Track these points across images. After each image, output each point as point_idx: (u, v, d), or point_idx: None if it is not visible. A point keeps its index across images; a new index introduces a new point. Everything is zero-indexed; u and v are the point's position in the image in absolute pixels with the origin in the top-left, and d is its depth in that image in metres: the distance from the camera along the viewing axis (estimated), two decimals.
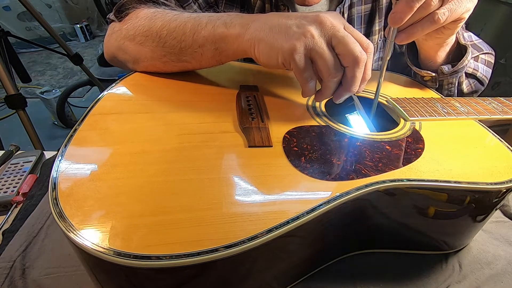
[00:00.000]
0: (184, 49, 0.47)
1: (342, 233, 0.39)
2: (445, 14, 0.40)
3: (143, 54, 0.50)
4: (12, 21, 2.85)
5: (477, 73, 0.62)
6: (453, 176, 0.37)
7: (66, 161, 0.34)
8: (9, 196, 0.51)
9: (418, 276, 0.42)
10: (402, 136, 0.43)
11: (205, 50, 0.46)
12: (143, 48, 0.49)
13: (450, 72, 0.54)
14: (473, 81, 0.63)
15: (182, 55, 0.48)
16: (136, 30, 0.50)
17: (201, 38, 0.45)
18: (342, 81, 0.41)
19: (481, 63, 0.63)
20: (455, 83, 0.57)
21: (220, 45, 0.45)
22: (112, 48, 0.54)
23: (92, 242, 0.27)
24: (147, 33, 0.48)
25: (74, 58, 1.74)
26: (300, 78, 0.41)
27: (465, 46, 0.53)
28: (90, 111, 0.41)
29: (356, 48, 0.38)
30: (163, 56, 0.49)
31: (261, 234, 0.28)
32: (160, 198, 0.31)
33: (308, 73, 0.40)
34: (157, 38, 0.47)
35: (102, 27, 3.30)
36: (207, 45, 0.45)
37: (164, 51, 0.48)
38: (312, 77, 0.41)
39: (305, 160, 0.37)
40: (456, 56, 0.55)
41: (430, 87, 0.58)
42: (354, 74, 0.39)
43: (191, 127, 0.41)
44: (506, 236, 0.46)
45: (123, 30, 0.52)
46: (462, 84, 0.60)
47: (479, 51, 0.62)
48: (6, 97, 1.20)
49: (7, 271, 0.40)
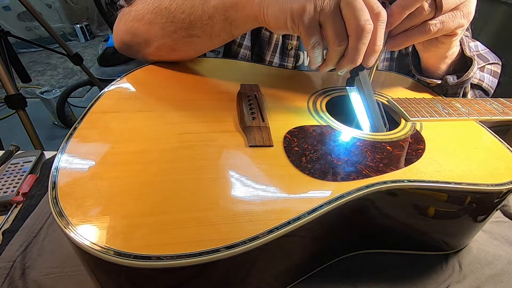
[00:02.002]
0: (194, 22, 0.46)
1: (342, 233, 0.39)
2: (437, 26, 0.41)
3: (153, 33, 0.49)
4: (12, 21, 2.85)
5: (483, 83, 0.61)
6: (454, 177, 0.37)
7: (66, 160, 0.34)
8: (9, 196, 0.51)
9: (418, 276, 0.42)
10: (403, 136, 0.43)
11: (215, 21, 0.45)
12: (152, 27, 0.48)
13: (454, 83, 0.54)
14: (478, 91, 0.62)
15: (192, 29, 0.46)
16: (145, 9, 0.49)
17: (210, 9, 0.44)
18: (345, 50, 0.39)
19: (487, 73, 0.62)
20: (460, 93, 0.56)
21: (231, 14, 0.43)
22: (121, 33, 0.54)
23: (92, 241, 0.26)
24: (156, 9, 0.47)
25: (74, 58, 1.74)
26: (307, 43, 0.38)
27: (471, 58, 0.53)
28: (90, 109, 0.41)
29: (361, 16, 0.35)
30: (173, 32, 0.47)
31: (262, 234, 0.28)
32: (161, 198, 0.31)
33: (316, 38, 0.38)
34: (166, 13, 0.47)
35: (102, 27, 3.30)
36: (217, 15, 0.44)
37: (173, 26, 0.47)
38: (319, 43, 0.38)
39: (306, 160, 0.37)
40: (460, 67, 0.54)
41: (438, 93, 0.57)
42: (355, 46, 0.37)
43: (191, 126, 0.41)
44: (506, 236, 0.46)
45: (132, 12, 0.51)
46: (467, 95, 0.59)
47: (485, 61, 0.62)
48: (6, 97, 1.20)
49: (7, 271, 0.40)
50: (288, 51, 0.62)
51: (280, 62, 0.63)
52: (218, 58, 0.63)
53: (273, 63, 0.62)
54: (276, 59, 0.62)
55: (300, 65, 0.64)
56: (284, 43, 0.61)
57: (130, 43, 0.53)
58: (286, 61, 0.62)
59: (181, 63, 0.54)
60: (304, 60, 0.64)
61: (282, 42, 0.61)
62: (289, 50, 0.61)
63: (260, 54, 0.62)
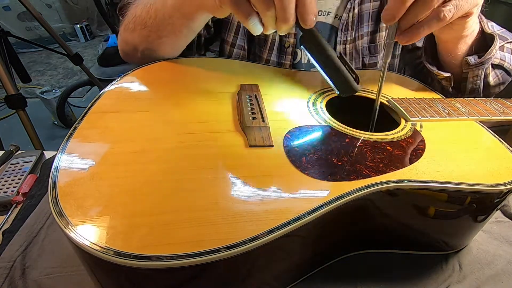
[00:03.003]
0: (160, 24, 0.50)
1: (342, 233, 0.39)
2: (451, 11, 0.38)
3: (136, 39, 0.54)
4: (12, 21, 2.85)
5: (504, 63, 0.58)
6: (454, 177, 0.37)
7: (66, 160, 0.34)
8: (9, 196, 0.50)
9: (418, 276, 0.42)
10: (403, 136, 0.43)
11: (175, 19, 0.49)
12: (134, 34, 0.54)
13: (476, 63, 0.51)
14: (500, 72, 0.59)
15: (160, 31, 0.51)
16: (128, 19, 0.55)
17: (169, 8, 0.48)
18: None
19: (507, 53, 0.60)
20: (481, 75, 0.54)
21: (185, 9, 0.47)
22: (119, 43, 0.59)
23: (92, 241, 0.26)
24: (134, 18, 0.53)
25: (74, 58, 1.74)
26: (238, 16, 0.39)
27: (492, 35, 0.51)
28: (90, 109, 0.41)
29: None
30: (148, 36, 0.52)
31: (262, 234, 0.28)
32: (161, 198, 0.31)
33: (244, 8, 0.38)
34: (140, 20, 0.52)
35: (102, 27, 3.30)
36: (175, 13, 0.48)
37: (146, 30, 0.52)
38: (250, 14, 0.39)
39: (306, 160, 0.37)
40: (479, 47, 0.52)
41: (445, 86, 0.55)
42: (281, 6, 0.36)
43: (191, 126, 0.41)
44: (506, 236, 0.46)
45: (122, 24, 0.57)
46: (489, 76, 0.57)
47: (504, 41, 0.59)
48: (6, 97, 1.20)
49: (7, 271, 0.40)
50: (286, 48, 0.62)
51: (278, 60, 0.63)
52: (218, 58, 0.63)
53: (270, 61, 0.63)
54: (273, 57, 0.62)
55: (297, 62, 0.64)
56: (282, 41, 0.61)
57: (126, 51, 0.59)
58: (283, 59, 0.62)
59: (181, 63, 0.54)
60: (302, 57, 0.64)
61: (279, 40, 0.61)
62: (286, 47, 0.62)
63: (257, 52, 0.63)
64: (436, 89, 0.57)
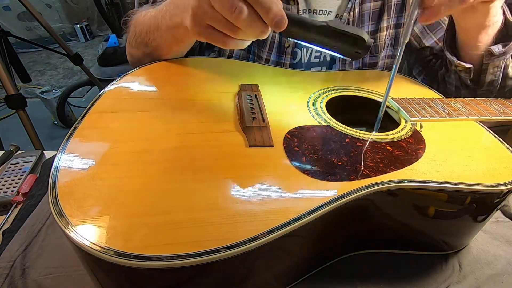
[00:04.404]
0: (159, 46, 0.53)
1: (342, 233, 0.39)
2: None
3: (140, 55, 0.57)
4: (12, 21, 2.85)
5: None
6: (454, 178, 0.37)
7: (66, 160, 0.34)
8: (9, 196, 0.51)
9: (418, 276, 0.42)
10: (403, 136, 0.43)
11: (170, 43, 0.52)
12: (138, 51, 0.57)
13: (500, 52, 0.51)
14: None
15: (160, 51, 0.54)
16: (130, 37, 0.59)
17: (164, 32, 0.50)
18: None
19: None
20: (501, 66, 0.54)
21: (176, 36, 0.49)
22: (127, 56, 0.64)
23: (92, 241, 0.26)
24: (135, 37, 0.56)
25: (74, 58, 1.74)
26: (213, 43, 0.40)
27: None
28: (90, 109, 0.41)
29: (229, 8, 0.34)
30: (150, 53, 0.55)
31: (262, 235, 0.28)
32: (161, 198, 0.31)
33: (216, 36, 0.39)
34: (141, 40, 0.55)
35: (102, 27, 3.30)
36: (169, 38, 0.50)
37: (148, 50, 0.55)
38: (224, 38, 0.39)
39: (306, 160, 0.37)
40: (499, 38, 0.52)
41: (464, 79, 0.54)
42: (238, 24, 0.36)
43: (191, 126, 0.41)
44: (506, 236, 0.46)
45: (127, 39, 0.61)
46: (508, 68, 0.57)
47: None
48: (6, 97, 1.20)
49: (7, 271, 0.40)
50: (285, 48, 0.62)
51: (278, 60, 0.63)
52: (218, 58, 0.63)
53: (270, 61, 0.63)
54: (273, 57, 0.63)
55: (297, 62, 0.64)
56: (281, 41, 0.62)
57: (133, 62, 0.62)
58: (283, 58, 0.63)
59: (181, 63, 0.54)
60: (302, 57, 0.64)
61: (278, 40, 0.61)
62: (286, 47, 0.62)
63: (257, 52, 0.63)
64: (452, 82, 0.56)
